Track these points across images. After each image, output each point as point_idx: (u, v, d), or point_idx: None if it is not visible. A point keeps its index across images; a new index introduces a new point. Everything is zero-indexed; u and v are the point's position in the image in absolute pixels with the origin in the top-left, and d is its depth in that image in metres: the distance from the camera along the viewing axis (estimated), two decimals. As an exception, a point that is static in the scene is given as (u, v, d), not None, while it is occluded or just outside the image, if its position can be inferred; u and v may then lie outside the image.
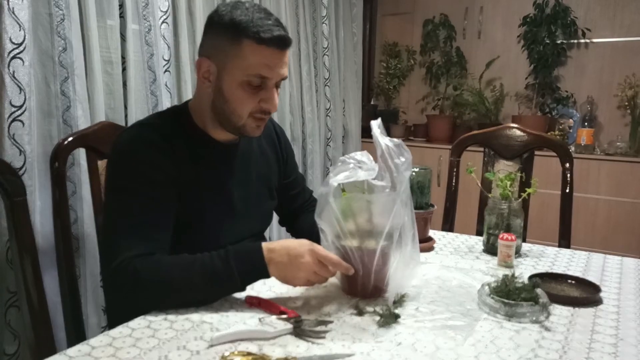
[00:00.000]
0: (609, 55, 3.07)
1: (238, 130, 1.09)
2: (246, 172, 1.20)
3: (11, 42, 1.31)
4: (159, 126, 1.08)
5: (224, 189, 1.14)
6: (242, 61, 1.02)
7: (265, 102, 1.06)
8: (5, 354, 1.36)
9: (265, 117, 1.09)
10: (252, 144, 1.23)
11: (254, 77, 1.02)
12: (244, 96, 1.04)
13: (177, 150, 1.06)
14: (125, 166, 1.03)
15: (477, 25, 3.43)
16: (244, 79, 1.03)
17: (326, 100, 3.04)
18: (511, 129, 1.73)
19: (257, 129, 1.10)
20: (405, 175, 0.98)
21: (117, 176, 1.04)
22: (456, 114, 3.51)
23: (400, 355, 0.80)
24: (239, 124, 1.07)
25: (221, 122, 1.09)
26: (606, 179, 2.79)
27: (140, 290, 0.94)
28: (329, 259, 0.97)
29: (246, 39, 1.00)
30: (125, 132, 1.09)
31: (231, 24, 1.01)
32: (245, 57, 1.01)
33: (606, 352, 0.83)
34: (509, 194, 1.31)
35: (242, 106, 1.05)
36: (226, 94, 1.05)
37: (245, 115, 1.06)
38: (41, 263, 1.09)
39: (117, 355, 0.78)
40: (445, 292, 1.06)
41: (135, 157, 1.03)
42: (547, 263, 1.28)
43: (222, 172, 1.14)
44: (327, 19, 2.94)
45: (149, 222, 1.00)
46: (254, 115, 1.07)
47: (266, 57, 1.02)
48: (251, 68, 1.02)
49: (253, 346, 0.82)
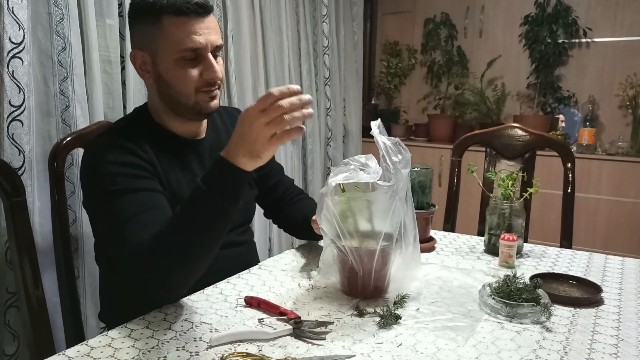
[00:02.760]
0: (610, 54, 3.06)
1: (192, 110, 1.06)
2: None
3: (10, 41, 1.30)
4: (122, 129, 1.07)
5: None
6: (168, 39, 1.01)
7: (207, 72, 1.04)
8: (5, 354, 1.35)
9: (213, 89, 1.06)
10: (220, 136, 1.20)
11: (185, 51, 1.01)
12: (184, 73, 1.03)
13: (144, 151, 1.03)
14: (101, 174, 0.99)
15: (479, 24, 3.42)
16: (177, 57, 1.02)
17: (326, 99, 3.03)
18: (513, 129, 1.72)
19: (211, 101, 1.07)
20: (403, 173, 0.97)
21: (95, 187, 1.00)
22: (457, 113, 3.50)
23: (401, 356, 0.80)
24: (190, 104, 1.05)
25: (174, 109, 1.07)
26: (607, 179, 2.78)
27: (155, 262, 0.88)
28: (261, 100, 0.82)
29: (165, 16, 1.00)
30: (85, 148, 1.06)
31: (148, 7, 1.01)
32: (171, 34, 1.01)
33: (607, 353, 0.82)
34: (510, 194, 1.30)
35: (186, 84, 1.03)
36: (167, 78, 1.04)
37: (192, 92, 1.04)
38: (40, 263, 1.09)
39: (116, 356, 0.78)
40: (446, 293, 1.06)
41: (108, 160, 0.99)
42: (549, 263, 1.28)
43: (192, 168, 1.12)
44: (328, 17, 2.93)
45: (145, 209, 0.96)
46: (201, 90, 1.04)
47: (189, 28, 1.00)
48: (179, 43, 1.00)
49: (252, 347, 0.81)
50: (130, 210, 0.95)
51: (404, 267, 1.02)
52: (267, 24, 2.46)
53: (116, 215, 0.96)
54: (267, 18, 2.45)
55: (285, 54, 2.61)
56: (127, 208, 0.95)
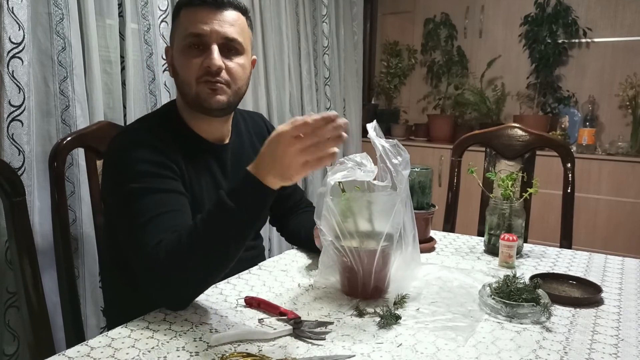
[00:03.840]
0: (610, 54, 3.06)
1: (196, 103, 1.05)
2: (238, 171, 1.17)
3: (10, 41, 1.30)
4: (149, 127, 1.07)
5: (216, 189, 1.12)
6: (179, 28, 1.05)
7: (205, 60, 1.02)
8: (5, 355, 1.35)
9: (213, 80, 1.03)
10: (244, 143, 1.21)
11: (189, 37, 1.03)
12: (187, 61, 1.03)
13: (169, 149, 1.04)
14: (127, 170, 0.99)
15: (479, 24, 3.42)
16: (183, 44, 1.04)
17: (326, 99, 3.03)
18: (512, 129, 1.72)
19: (213, 94, 1.03)
20: (404, 175, 0.97)
21: (121, 182, 0.99)
22: (457, 113, 3.50)
23: (401, 356, 0.80)
24: (191, 94, 1.04)
25: (187, 102, 1.07)
26: (607, 179, 2.78)
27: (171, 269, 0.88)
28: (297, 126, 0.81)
29: (183, 8, 1.05)
30: (115, 138, 1.06)
31: (175, 6, 1.09)
32: (181, 23, 1.05)
33: (607, 353, 0.82)
34: (510, 194, 1.30)
35: (187, 72, 1.03)
36: (176, 67, 1.07)
37: (192, 82, 1.03)
38: (40, 263, 1.09)
39: (116, 356, 0.78)
40: (446, 293, 1.05)
41: (134, 157, 1.00)
42: (549, 263, 1.28)
43: (214, 174, 1.13)
44: (328, 17, 2.93)
45: (170, 210, 0.95)
46: (201, 79, 1.03)
47: (197, 16, 1.03)
48: (186, 29, 1.03)
49: (252, 347, 0.81)
50: (152, 210, 0.94)
51: (404, 268, 1.02)
52: (267, 24, 2.46)
53: (137, 214, 0.95)
54: (267, 18, 2.45)
55: (285, 54, 2.61)
56: (150, 208, 0.95)
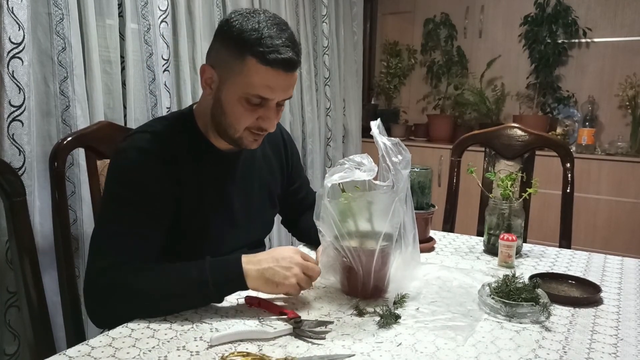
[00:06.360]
0: (609, 55, 3.07)
1: (234, 142, 1.06)
2: (248, 181, 1.18)
3: (10, 41, 1.30)
4: (161, 133, 1.05)
5: (226, 198, 1.13)
6: (243, 78, 0.97)
7: (263, 120, 1.02)
8: (5, 354, 1.35)
9: (262, 133, 1.06)
10: (256, 151, 1.20)
11: (253, 96, 0.99)
12: (242, 112, 1.01)
13: (179, 158, 1.04)
14: (122, 174, 1.01)
15: (478, 24, 3.42)
16: (243, 96, 0.99)
17: (326, 99, 3.04)
18: (512, 129, 1.72)
19: (254, 142, 1.06)
20: (403, 174, 0.97)
21: (114, 182, 1.02)
22: (457, 113, 3.50)
23: (401, 355, 0.80)
24: (235, 137, 1.05)
25: (218, 131, 1.07)
26: (607, 179, 2.78)
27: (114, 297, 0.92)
28: (310, 269, 0.98)
29: (251, 56, 0.95)
30: (127, 138, 1.06)
31: (239, 38, 0.96)
32: (248, 75, 0.97)
33: (606, 353, 0.83)
34: (509, 194, 1.30)
35: (239, 121, 1.02)
36: (225, 107, 1.02)
37: (241, 129, 1.03)
38: (41, 263, 1.09)
39: (117, 356, 0.78)
40: (445, 293, 1.06)
41: (133, 166, 1.00)
42: (548, 263, 1.28)
43: (223, 181, 1.13)
44: (327, 17, 2.93)
45: (138, 233, 0.97)
46: (251, 129, 1.04)
47: (269, 79, 0.97)
48: (252, 87, 0.97)
49: (253, 347, 0.82)
50: (120, 224, 0.97)
51: (403, 267, 1.02)
52: (267, 24, 2.45)
53: (107, 219, 1.00)
54: (267, 18, 2.45)
55: (285, 54, 2.60)
56: (119, 220, 0.98)
